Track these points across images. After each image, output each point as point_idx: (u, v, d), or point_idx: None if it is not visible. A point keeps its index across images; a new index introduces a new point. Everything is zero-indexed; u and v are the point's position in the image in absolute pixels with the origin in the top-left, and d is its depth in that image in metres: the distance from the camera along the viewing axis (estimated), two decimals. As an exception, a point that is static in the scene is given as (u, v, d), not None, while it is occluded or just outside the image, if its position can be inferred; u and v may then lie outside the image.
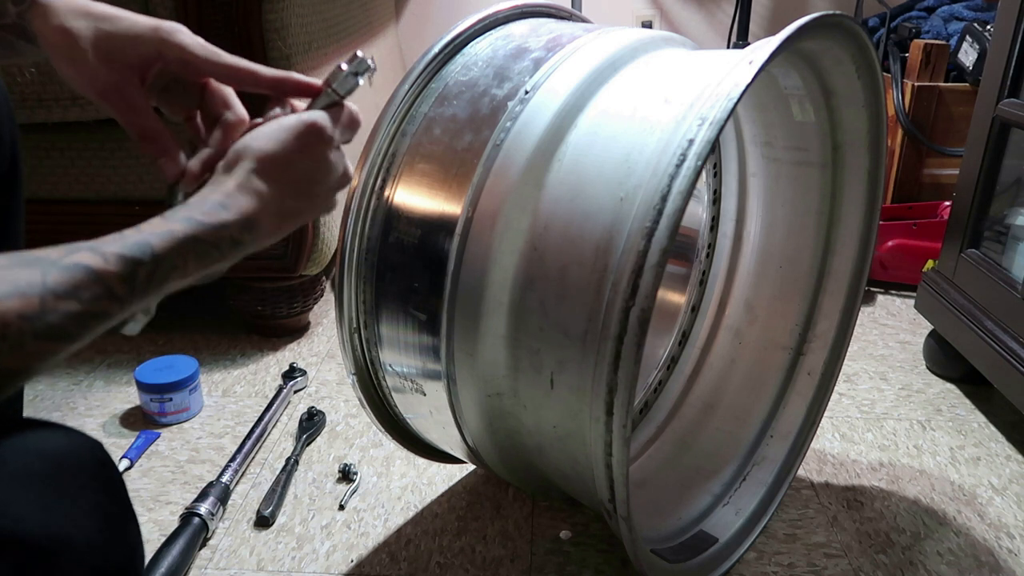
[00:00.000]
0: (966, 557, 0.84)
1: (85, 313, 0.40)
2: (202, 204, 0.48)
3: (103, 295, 0.41)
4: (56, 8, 0.54)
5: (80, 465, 0.42)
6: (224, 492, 0.89)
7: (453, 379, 0.67)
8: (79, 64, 0.54)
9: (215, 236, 0.47)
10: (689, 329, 1.00)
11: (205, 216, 0.47)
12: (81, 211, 1.22)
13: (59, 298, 0.39)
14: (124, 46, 0.54)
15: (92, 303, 0.40)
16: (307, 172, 0.53)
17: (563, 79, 0.66)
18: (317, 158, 0.54)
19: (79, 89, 0.56)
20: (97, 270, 0.41)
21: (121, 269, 0.42)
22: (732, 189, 0.96)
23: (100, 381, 1.17)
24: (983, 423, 1.08)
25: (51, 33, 0.54)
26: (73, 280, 0.40)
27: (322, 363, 1.23)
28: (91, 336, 0.41)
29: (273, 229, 0.52)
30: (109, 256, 0.41)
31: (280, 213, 0.51)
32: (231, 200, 0.49)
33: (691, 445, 0.96)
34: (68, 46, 0.54)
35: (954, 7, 1.74)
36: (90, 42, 0.54)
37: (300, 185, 0.53)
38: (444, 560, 0.83)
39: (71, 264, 0.40)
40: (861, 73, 0.78)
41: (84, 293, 0.40)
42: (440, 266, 0.64)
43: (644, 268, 0.57)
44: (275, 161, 0.51)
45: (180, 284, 0.46)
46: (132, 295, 0.43)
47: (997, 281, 1.03)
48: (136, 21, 0.55)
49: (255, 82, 0.57)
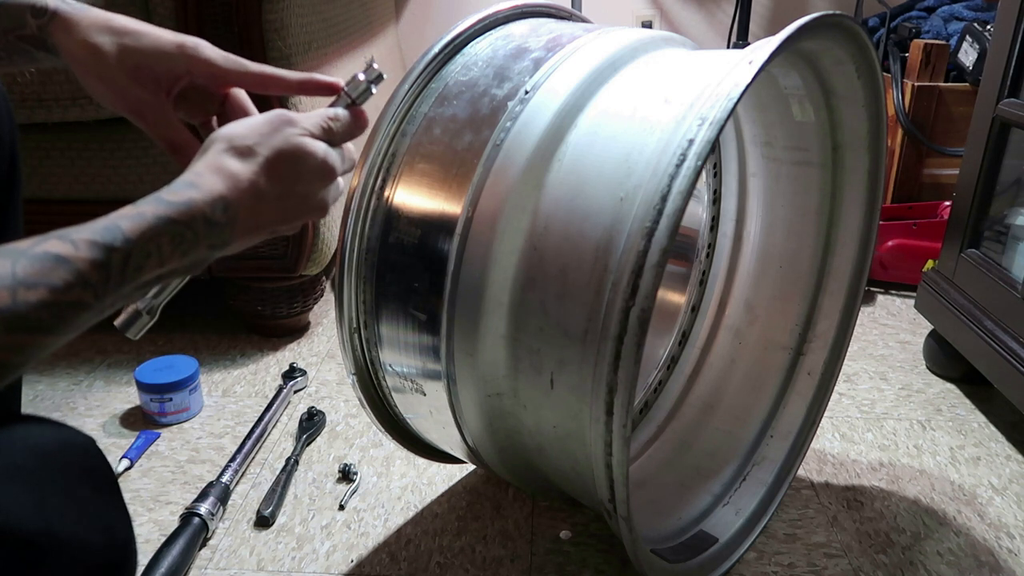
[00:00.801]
0: (966, 557, 0.84)
1: (58, 302, 0.39)
2: (171, 185, 0.47)
3: (75, 283, 0.40)
4: (79, 23, 0.55)
5: (71, 461, 0.42)
6: (224, 492, 0.89)
7: (453, 379, 0.67)
8: (107, 80, 0.56)
9: (186, 215, 0.46)
10: (689, 329, 1.00)
11: (173, 196, 0.46)
12: (81, 211, 1.21)
13: (29, 288, 0.38)
14: (151, 63, 0.56)
15: (64, 292, 0.39)
16: (282, 154, 0.51)
17: (563, 79, 0.66)
18: (291, 141, 0.52)
19: (107, 104, 0.57)
20: (67, 257, 0.40)
21: (92, 255, 0.41)
22: (732, 189, 0.96)
23: (100, 381, 1.17)
24: (983, 423, 1.08)
25: (75, 48, 0.55)
26: (42, 269, 0.39)
27: (322, 363, 1.23)
28: (70, 328, 0.40)
29: (252, 215, 0.50)
30: (79, 242, 0.41)
31: (257, 195, 0.50)
32: (199, 179, 0.48)
33: (691, 445, 0.96)
34: (94, 62, 0.55)
35: (954, 7, 1.74)
36: (116, 58, 0.55)
37: (275, 167, 0.51)
38: (444, 560, 0.83)
39: (40, 253, 0.39)
40: (861, 73, 0.78)
41: (55, 281, 0.39)
42: (440, 266, 0.64)
43: (644, 268, 0.57)
44: (244, 139, 0.50)
45: (161, 272, 0.45)
46: (107, 283, 0.42)
47: (997, 281, 1.03)
48: (159, 37, 0.56)
49: (283, 86, 0.59)
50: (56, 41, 0.55)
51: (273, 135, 0.51)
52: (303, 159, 0.52)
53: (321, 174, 0.54)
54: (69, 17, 0.55)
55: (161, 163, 1.18)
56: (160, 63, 0.56)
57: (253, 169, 0.50)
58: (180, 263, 0.46)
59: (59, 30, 0.55)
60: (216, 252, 0.49)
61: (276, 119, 0.52)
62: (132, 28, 0.56)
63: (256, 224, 0.51)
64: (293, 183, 0.52)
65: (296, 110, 0.63)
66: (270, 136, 0.51)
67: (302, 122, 0.53)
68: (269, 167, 0.51)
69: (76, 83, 1.10)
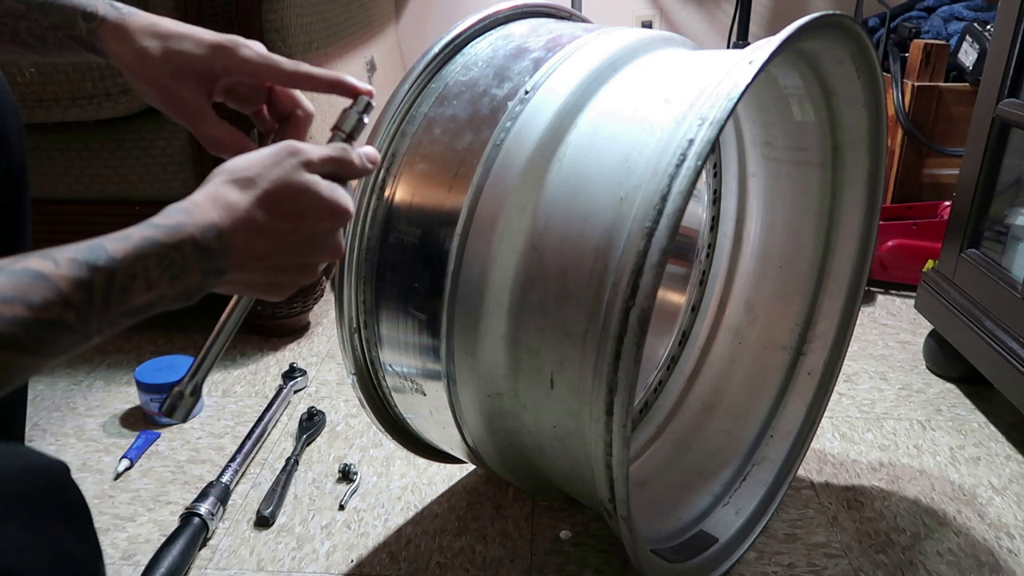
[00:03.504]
0: (966, 557, 0.84)
1: (36, 320, 0.38)
2: (164, 211, 0.46)
3: (55, 301, 0.38)
4: (127, 28, 0.57)
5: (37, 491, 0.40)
6: (224, 492, 0.89)
7: (453, 379, 0.67)
8: (153, 83, 0.58)
9: (174, 238, 0.44)
10: (689, 329, 1.00)
11: (163, 219, 0.45)
12: (81, 211, 1.22)
13: (6, 303, 0.37)
14: (193, 64, 0.58)
15: (42, 309, 0.38)
16: (282, 187, 0.50)
17: (563, 79, 0.66)
18: (292, 175, 0.51)
19: (156, 105, 0.60)
20: (47, 274, 0.39)
21: (73, 273, 0.40)
22: (732, 189, 0.96)
23: (100, 381, 1.17)
24: (983, 423, 1.08)
25: (124, 53, 0.57)
26: (20, 285, 0.38)
27: (322, 363, 1.23)
28: (48, 349, 0.39)
29: (249, 246, 0.49)
30: (60, 260, 0.40)
31: (254, 227, 0.49)
32: (192, 206, 0.47)
33: (691, 445, 0.96)
34: (142, 66, 0.57)
35: (954, 7, 1.74)
36: (161, 61, 0.57)
37: (274, 199, 0.50)
38: (444, 560, 0.83)
39: (19, 269, 0.38)
40: (861, 73, 0.78)
41: (33, 298, 0.38)
42: (440, 266, 0.64)
43: (644, 268, 0.57)
44: (245, 171, 0.50)
45: (151, 297, 0.44)
46: (90, 303, 0.40)
47: (997, 281, 1.03)
48: (200, 39, 0.58)
49: (314, 85, 0.60)
50: (105, 46, 0.58)
51: (274, 168, 0.51)
52: (305, 195, 0.51)
53: (330, 212, 0.52)
54: (118, 23, 0.57)
55: (161, 163, 1.18)
56: (199, 64, 0.58)
57: (250, 200, 0.49)
58: (170, 288, 0.45)
59: (108, 36, 0.57)
60: (211, 280, 0.48)
61: (281, 151, 0.52)
62: (176, 31, 0.58)
63: (254, 255, 0.49)
64: (296, 219, 0.51)
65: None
66: (272, 168, 0.50)
67: (309, 155, 0.52)
68: (268, 199, 0.49)
69: (76, 83, 1.11)
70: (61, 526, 0.40)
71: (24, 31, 0.58)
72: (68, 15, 0.57)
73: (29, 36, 0.58)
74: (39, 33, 0.58)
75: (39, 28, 0.58)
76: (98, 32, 0.57)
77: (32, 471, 0.40)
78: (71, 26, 0.57)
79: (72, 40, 0.58)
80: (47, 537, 0.39)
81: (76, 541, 0.41)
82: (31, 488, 0.40)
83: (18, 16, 0.57)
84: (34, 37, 0.58)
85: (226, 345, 0.60)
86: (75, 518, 0.42)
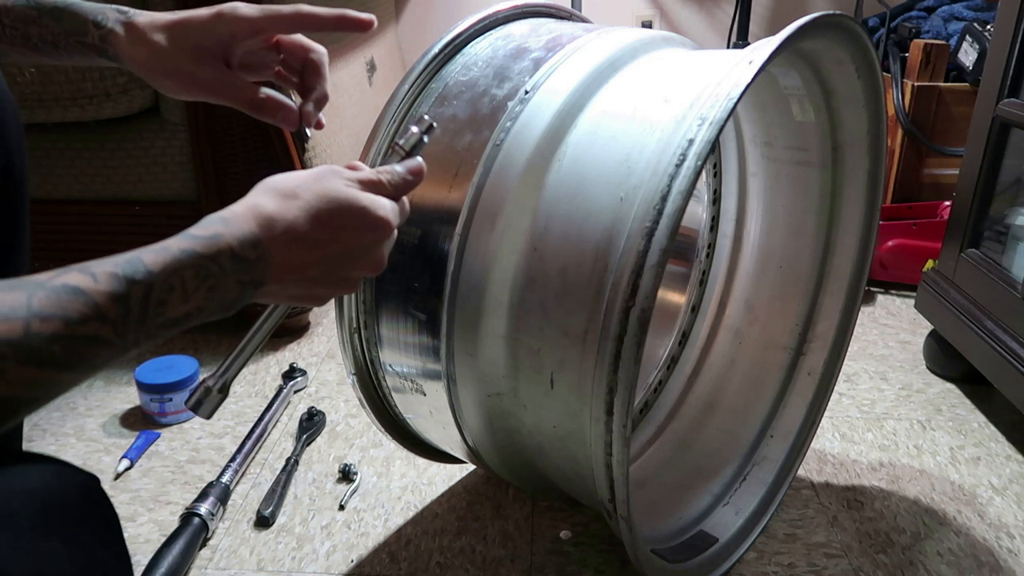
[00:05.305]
0: (966, 557, 0.84)
1: (73, 336, 0.38)
2: (202, 221, 0.46)
3: (92, 316, 0.38)
4: (139, 31, 0.59)
5: (68, 505, 0.40)
6: (224, 492, 0.89)
7: (453, 379, 0.67)
8: (173, 73, 0.59)
9: (212, 248, 0.44)
10: (689, 329, 1.00)
11: (201, 230, 0.45)
12: (81, 211, 1.22)
13: (44, 320, 0.36)
14: (202, 41, 0.59)
15: (80, 325, 0.38)
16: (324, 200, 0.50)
17: (563, 79, 0.66)
18: (336, 188, 0.51)
19: (183, 95, 0.61)
20: (85, 289, 0.38)
21: (112, 287, 0.39)
22: (732, 189, 0.96)
23: (100, 381, 1.17)
24: (983, 423, 1.08)
25: (138, 54, 0.59)
26: (59, 301, 0.37)
27: (322, 363, 1.23)
28: (85, 365, 0.39)
29: (288, 256, 0.48)
30: (99, 275, 0.39)
31: (294, 237, 0.48)
32: (232, 218, 0.47)
33: (691, 445, 0.96)
34: (158, 61, 0.59)
35: (954, 7, 1.74)
36: (175, 51, 0.59)
37: (316, 212, 0.49)
38: (444, 560, 0.83)
39: (58, 285, 0.38)
40: (861, 73, 0.78)
41: (71, 314, 0.37)
42: (440, 266, 0.64)
43: (644, 268, 0.57)
44: (287, 183, 0.50)
45: (188, 308, 0.44)
46: (127, 317, 0.40)
47: (997, 281, 1.03)
48: (199, 16, 0.59)
49: (318, 24, 0.61)
50: (118, 51, 0.59)
51: (317, 182, 0.51)
52: (347, 208, 0.51)
53: (372, 225, 0.52)
54: (127, 27, 0.59)
55: (161, 163, 1.18)
56: (208, 39, 0.59)
57: (291, 211, 0.49)
58: (208, 300, 0.44)
59: (120, 42, 0.59)
60: (249, 292, 0.47)
61: (325, 170, 0.52)
62: (175, 19, 0.59)
63: (293, 267, 0.49)
64: (336, 231, 0.50)
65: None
66: (313, 182, 0.51)
67: (351, 174, 0.53)
68: (309, 211, 0.49)
69: (76, 83, 1.11)
70: (96, 540, 0.41)
71: (35, 36, 0.59)
72: (80, 23, 0.58)
73: (40, 41, 0.59)
74: (51, 39, 0.59)
75: (51, 34, 0.59)
76: (109, 38, 0.59)
77: (70, 486, 0.41)
78: (83, 33, 0.59)
79: (84, 46, 0.59)
80: (79, 549, 0.39)
81: (110, 556, 0.42)
82: (69, 503, 0.40)
83: (30, 21, 0.58)
84: (45, 42, 0.59)
85: (260, 346, 0.60)
86: (105, 531, 0.42)
